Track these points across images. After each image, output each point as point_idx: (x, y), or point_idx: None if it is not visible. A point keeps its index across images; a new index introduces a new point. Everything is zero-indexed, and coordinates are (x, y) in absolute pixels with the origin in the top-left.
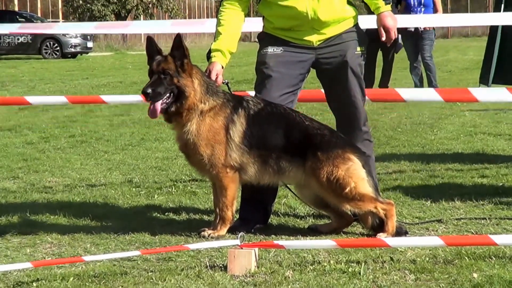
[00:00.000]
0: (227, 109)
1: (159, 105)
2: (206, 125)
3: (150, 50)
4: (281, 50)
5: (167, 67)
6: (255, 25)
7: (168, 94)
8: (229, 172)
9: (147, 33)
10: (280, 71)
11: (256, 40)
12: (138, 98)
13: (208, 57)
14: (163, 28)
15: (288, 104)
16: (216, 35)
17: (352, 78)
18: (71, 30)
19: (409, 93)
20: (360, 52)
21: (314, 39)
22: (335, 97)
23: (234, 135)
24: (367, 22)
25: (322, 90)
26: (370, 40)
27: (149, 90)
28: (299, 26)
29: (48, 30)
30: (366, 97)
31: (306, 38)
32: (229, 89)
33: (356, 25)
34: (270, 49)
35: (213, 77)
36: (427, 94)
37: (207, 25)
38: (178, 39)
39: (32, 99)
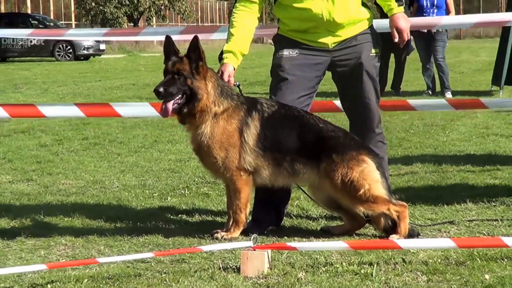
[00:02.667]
0: (241, 111)
1: (170, 105)
2: (220, 127)
3: (167, 50)
4: (296, 53)
5: (182, 68)
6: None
7: (180, 95)
8: (243, 175)
9: (157, 39)
10: (295, 74)
11: (269, 42)
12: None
13: (220, 58)
14: (173, 35)
15: (304, 107)
16: (228, 36)
17: (367, 80)
18: (81, 37)
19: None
20: (375, 54)
21: (329, 41)
22: (350, 99)
23: (248, 138)
24: (379, 25)
25: (332, 99)
26: (383, 42)
27: (161, 89)
28: (314, 28)
29: (59, 36)
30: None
31: (321, 40)
32: (240, 91)
33: (371, 27)
34: (286, 52)
35: (225, 78)
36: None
37: (217, 33)
38: (196, 41)
39: (46, 110)
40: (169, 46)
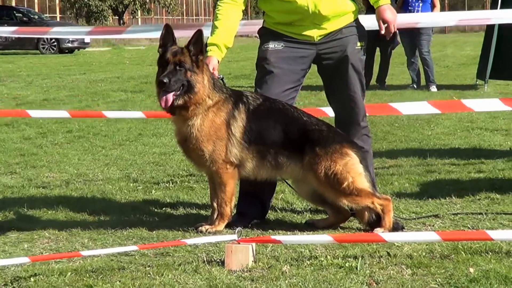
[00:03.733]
0: (229, 104)
1: (171, 96)
2: (209, 120)
3: (166, 38)
4: (282, 45)
5: (184, 60)
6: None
7: (180, 87)
8: (229, 168)
9: (142, 37)
10: (281, 67)
11: (254, 35)
12: (140, 114)
13: (204, 51)
14: (158, 33)
15: (289, 100)
16: (212, 29)
17: (352, 73)
18: (66, 35)
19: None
20: (360, 47)
21: (315, 34)
22: (335, 92)
23: (235, 131)
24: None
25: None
26: (368, 36)
27: (166, 80)
28: (300, 20)
29: (43, 35)
30: None
31: (307, 33)
32: (224, 84)
33: (356, 19)
34: (271, 45)
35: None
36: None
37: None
38: (199, 35)
39: (33, 113)
40: (168, 35)
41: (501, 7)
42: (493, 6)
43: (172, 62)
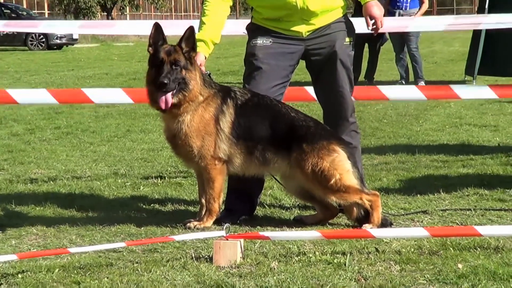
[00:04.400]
0: (218, 99)
1: (170, 96)
2: (199, 116)
3: (156, 38)
4: (270, 41)
5: (178, 58)
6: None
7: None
8: (217, 164)
9: (132, 34)
10: (269, 63)
11: (242, 31)
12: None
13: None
14: (148, 29)
15: (277, 96)
16: (200, 25)
17: (341, 68)
18: (56, 29)
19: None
20: (349, 42)
21: (303, 29)
22: (323, 88)
23: (224, 126)
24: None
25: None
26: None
27: (167, 81)
28: (288, 16)
29: (33, 29)
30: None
31: (295, 28)
32: (211, 80)
33: (345, 15)
34: (260, 41)
35: None
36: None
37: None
38: (191, 32)
39: (18, 96)
40: (157, 34)
41: (489, 12)
42: (480, 10)
43: (167, 61)
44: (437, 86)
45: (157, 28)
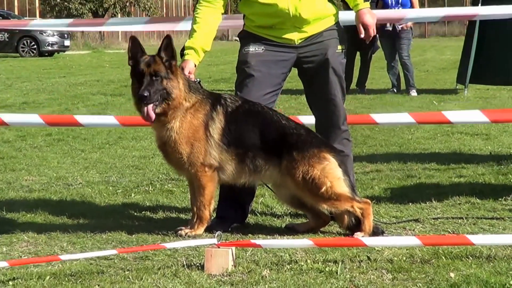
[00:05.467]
0: (207, 106)
1: (151, 108)
2: (187, 122)
3: (134, 50)
4: (262, 49)
5: (158, 69)
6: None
7: (158, 97)
8: (207, 171)
9: (123, 30)
10: (261, 70)
11: (234, 39)
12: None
13: (182, 54)
14: (138, 26)
15: (269, 104)
16: (191, 32)
17: (333, 76)
18: (46, 27)
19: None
20: (341, 50)
21: (296, 37)
22: (315, 96)
23: (214, 132)
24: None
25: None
26: (349, 40)
27: (147, 93)
28: (280, 24)
29: (23, 26)
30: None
31: (287, 36)
32: (201, 87)
33: (337, 23)
34: (252, 48)
35: (185, 75)
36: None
37: (182, 24)
38: (168, 40)
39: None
40: (135, 46)
41: (482, 5)
42: (475, 4)
43: (147, 73)
44: (429, 112)
45: (134, 40)
